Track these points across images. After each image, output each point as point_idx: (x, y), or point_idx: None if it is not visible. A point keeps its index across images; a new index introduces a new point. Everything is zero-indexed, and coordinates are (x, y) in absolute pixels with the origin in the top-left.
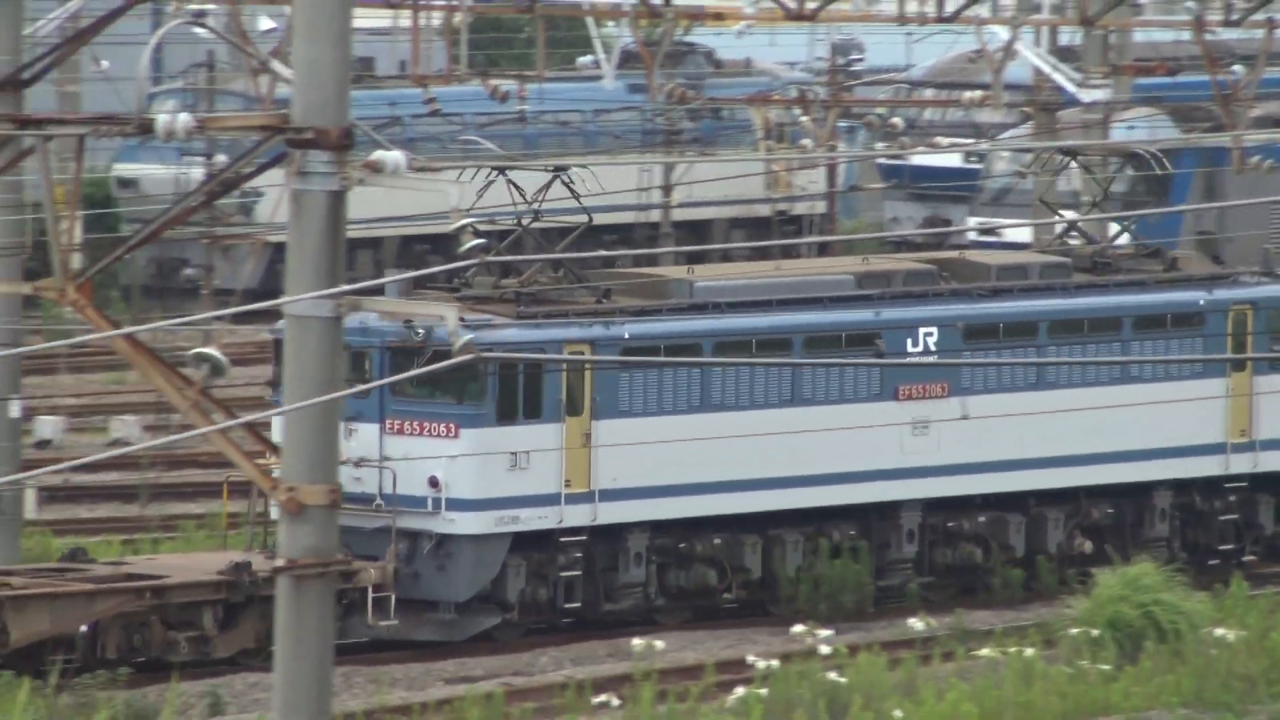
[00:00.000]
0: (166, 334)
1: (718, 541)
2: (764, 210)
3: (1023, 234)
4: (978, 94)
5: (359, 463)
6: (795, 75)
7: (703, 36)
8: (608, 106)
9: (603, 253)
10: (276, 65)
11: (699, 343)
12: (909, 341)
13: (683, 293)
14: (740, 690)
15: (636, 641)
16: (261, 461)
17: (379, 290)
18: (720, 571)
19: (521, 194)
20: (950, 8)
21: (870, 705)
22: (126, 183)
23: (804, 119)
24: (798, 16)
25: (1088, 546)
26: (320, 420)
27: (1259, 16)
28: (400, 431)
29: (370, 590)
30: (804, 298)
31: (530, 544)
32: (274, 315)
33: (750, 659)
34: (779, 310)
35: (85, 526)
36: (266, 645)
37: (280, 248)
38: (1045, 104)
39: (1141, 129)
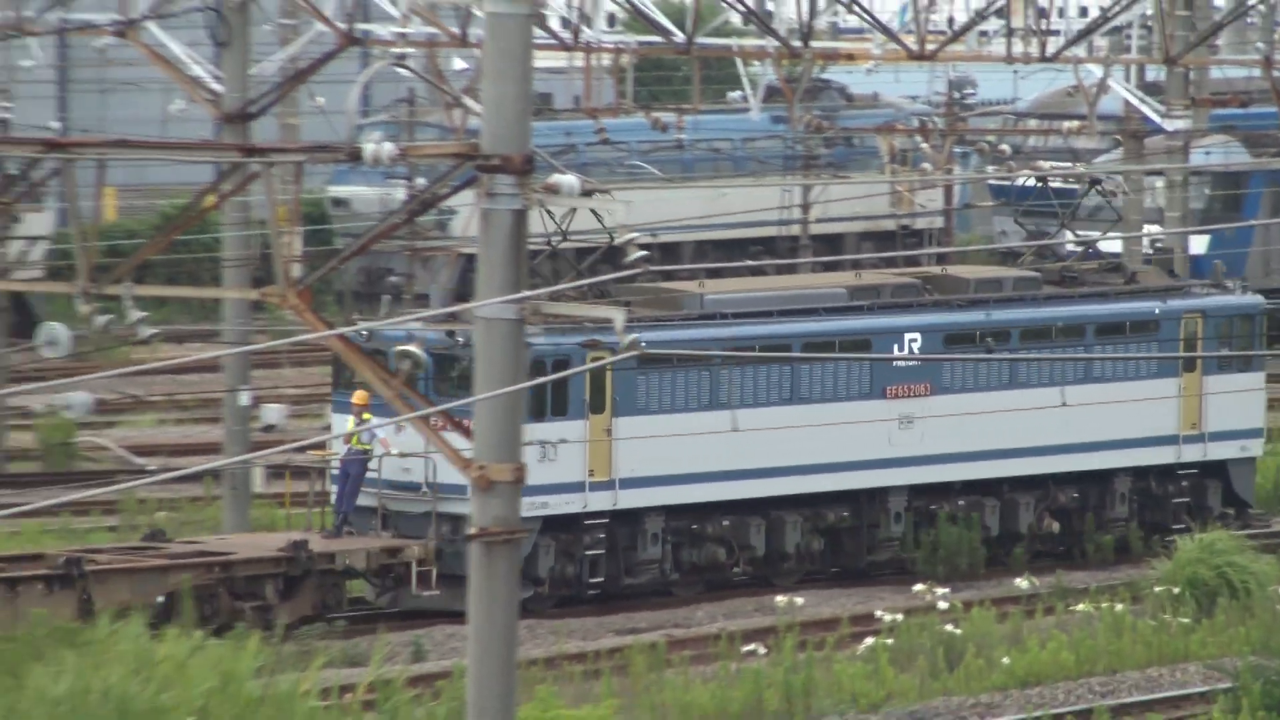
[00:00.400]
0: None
1: (726, 523)
2: (889, 225)
3: (1114, 245)
4: (1075, 124)
5: (404, 454)
6: (916, 108)
7: (836, 74)
8: (754, 135)
9: (749, 263)
10: (468, 101)
11: (707, 348)
12: (895, 346)
13: (694, 305)
14: (869, 640)
15: (780, 598)
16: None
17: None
18: (728, 549)
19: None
20: (1051, 49)
21: (981, 653)
22: (339, 202)
23: (924, 145)
24: (919, 57)
25: (1055, 527)
26: (505, 408)
27: None
28: (443, 428)
29: (415, 565)
30: (801, 308)
31: (558, 526)
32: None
33: (878, 613)
34: (779, 320)
35: (303, 500)
36: (323, 614)
37: (471, 258)
38: (1134, 132)
39: (1217, 154)
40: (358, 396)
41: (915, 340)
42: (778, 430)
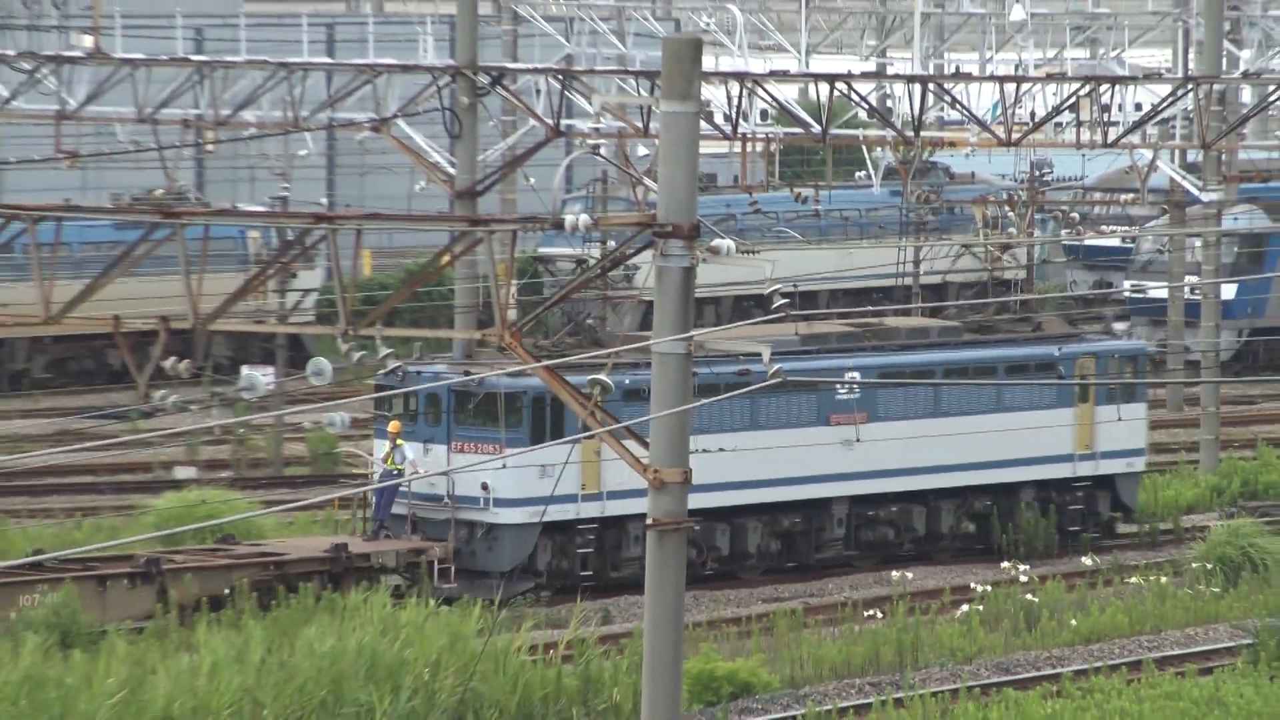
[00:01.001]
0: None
1: (697, 528)
2: (983, 277)
3: (1163, 292)
4: (1130, 196)
5: (429, 473)
6: (1005, 183)
7: (941, 157)
8: (875, 206)
9: (870, 308)
10: (647, 180)
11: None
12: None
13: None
14: (964, 607)
15: (894, 573)
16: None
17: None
18: (699, 549)
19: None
20: (1111, 136)
21: (1053, 616)
22: (546, 261)
23: (1010, 214)
24: (1007, 143)
25: (972, 528)
26: (674, 424)
27: None
28: (462, 450)
29: (436, 563)
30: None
31: (555, 530)
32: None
33: (972, 585)
34: (744, 361)
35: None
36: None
37: (650, 305)
38: (1177, 203)
39: (1243, 220)
40: (392, 426)
41: (855, 377)
42: (741, 451)
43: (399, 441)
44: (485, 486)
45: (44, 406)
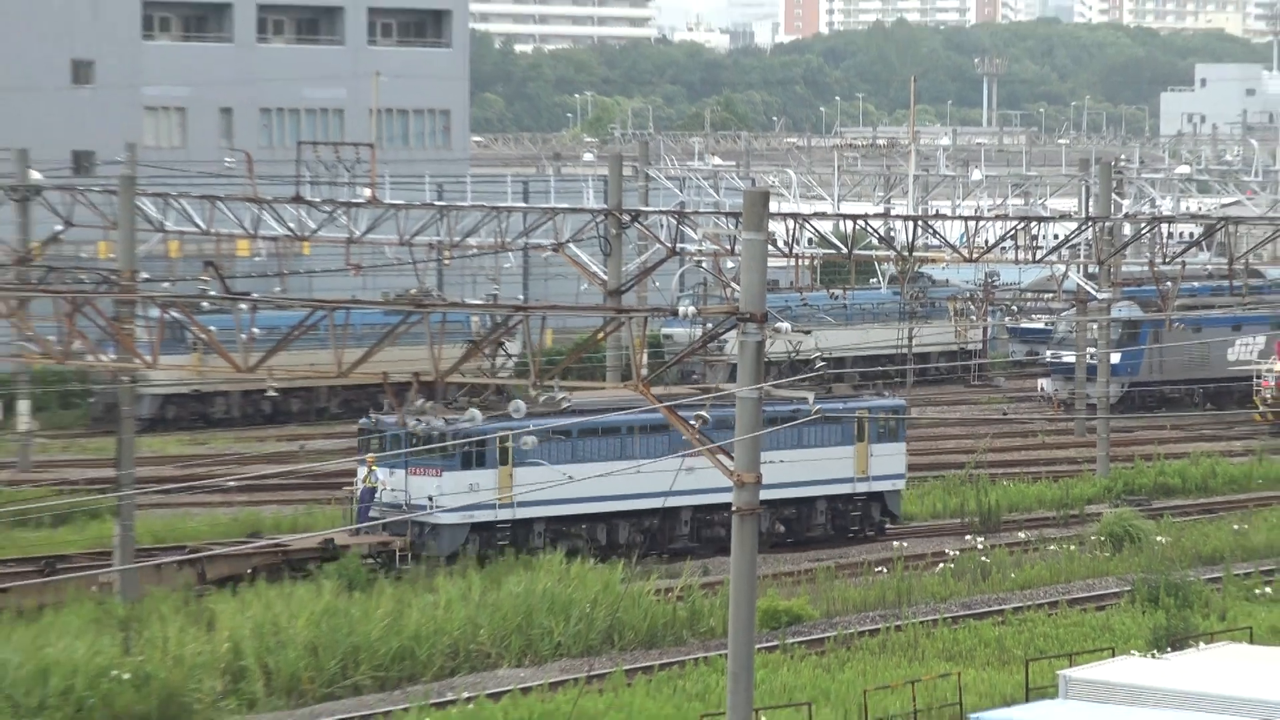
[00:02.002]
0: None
1: (584, 526)
2: (954, 348)
3: (1071, 358)
4: (1051, 295)
5: (392, 489)
6: (968, 287)
7: (926, 269)
8: (883, 301)
9: (878, 368)
10: (733, 284)
11: (571, 428)
12: (706, 412)
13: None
14: (941, 565)
15: (895, 543)
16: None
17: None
18: (584, 541)
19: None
20: (1039, 256)
21: (999, 572)
22: (667, 336)
23: (972, 307)
24: (970, 260)
25: (780, 528)
26: (749, 445)
27: None
28: (415, 473)
29: (398, 551)
30: (621, 407)
31: (481, 528)
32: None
33: (948, 551)
34: (614, 412)
35: None
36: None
37: (734, 366)
38: (1081, 300)
39: (1124, 311)
40: (369, 457)
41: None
42: (613, 473)
43: (373, 467)
44: (430, 499)
45: (338, 431)
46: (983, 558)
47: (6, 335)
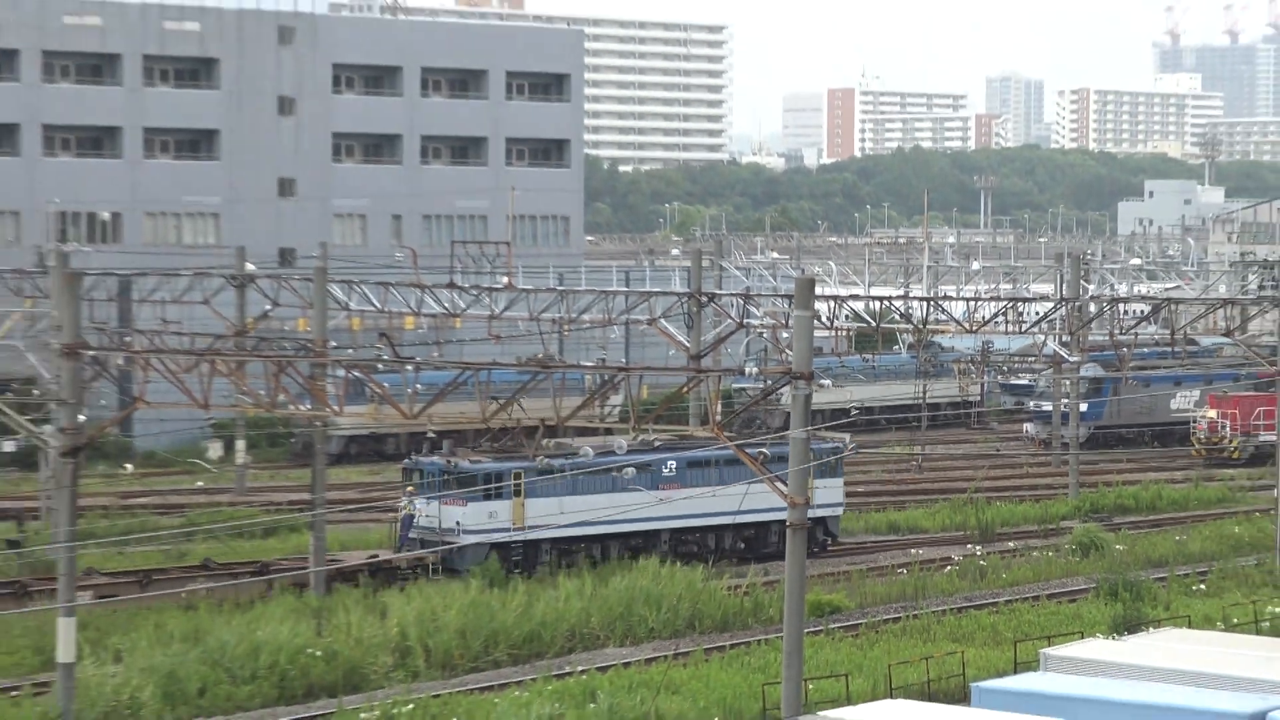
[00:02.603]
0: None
1: (582, 545)
2: (957, 400)
3: (1049, 407)
4: (1034, 359)
5: (427, 516)
6: (970, 352)
7: (937, 339)
8: (903, 364)
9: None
10: (787, 350)
11: (576, 469)
12: (664, 468)
13: (569, 450)
14: (949, 567)
15: (914, 550)
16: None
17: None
18: (583, 558)
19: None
20: (1025, 328)
21: (993, 572)
22: (738, 390)
23: (973, 368)
24: (971, 331)
25: (741, 545)
26: (800, 474)
27: None
28: (447, 504)
29: (430, 565)
30: (618, 450)
31: (500, 547)
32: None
33: (953, 556)
34: (605, 457)
35: None
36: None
37: (789, 414)
38: (1058, 362)
39: (1090, 370)
40: (410, 489)
41: (669, 464)
42: (608, 507)
43: (414, 497)
44: (458, 524)
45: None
46: (981, 562)
47: (228, 391)
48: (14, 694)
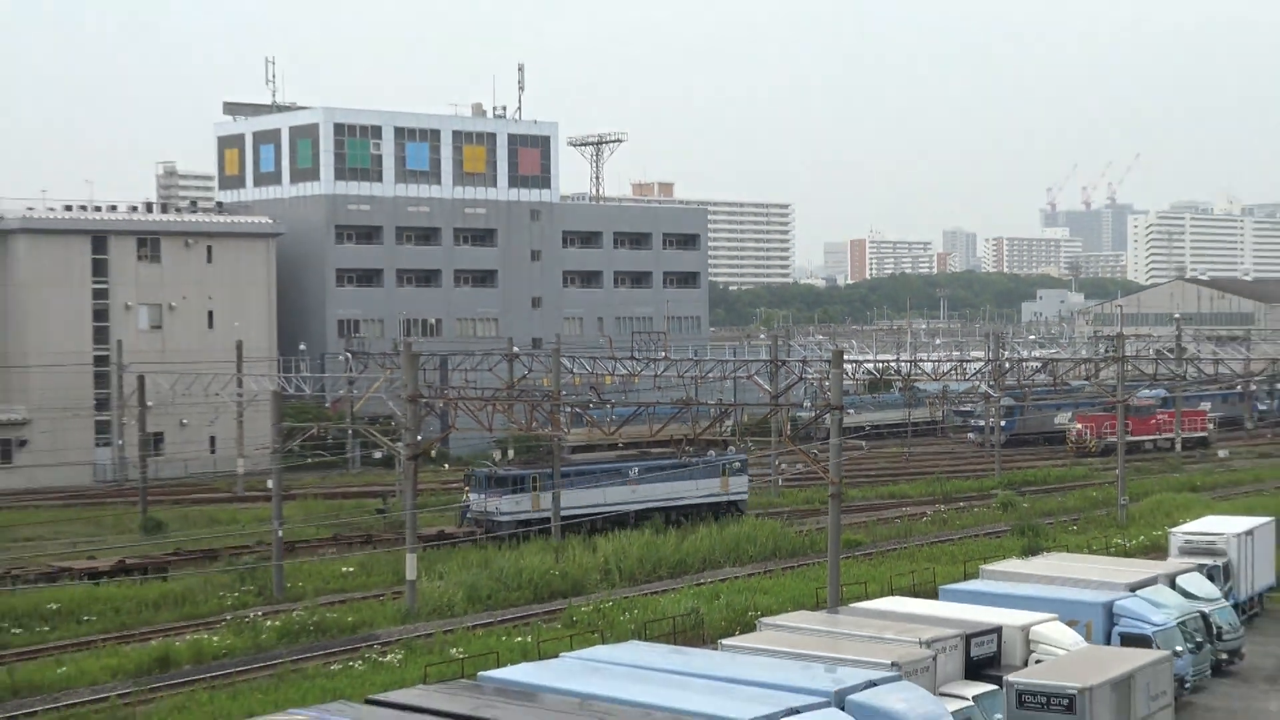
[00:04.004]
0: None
1: (578, 521)
2: (929, 420)
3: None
4: (974, 400)
5: (477, 503)
6: (934, 392)
7: (918, 385)
8: (896, 400)
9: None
10: (827, 393)
11: (583, 468)
12: (634, 470)
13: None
14: (926, 515)
15: (905, 508)
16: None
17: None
18: (577, 532)
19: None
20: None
21: (938, 522)
22: (797, 417)
23: (937, 401)
24: (935, 379)
25: (683, 519)
26: (837, 467)
27: None
28: (490, 496)
29: (479, 535)
30: (603, 455)
31: (523, 523)
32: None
33: (925, 511)
34: (597, 460)
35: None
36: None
37: (828, 430)
38: (987, 397)
39: (1007, 400)
40: (468, 486)
41: (634, 468)
42: (604, 495)
43: (469, 493)
44: (497, 509)
45: None
46: (944, 514)
47: (503, 421)
48: (381, 598)
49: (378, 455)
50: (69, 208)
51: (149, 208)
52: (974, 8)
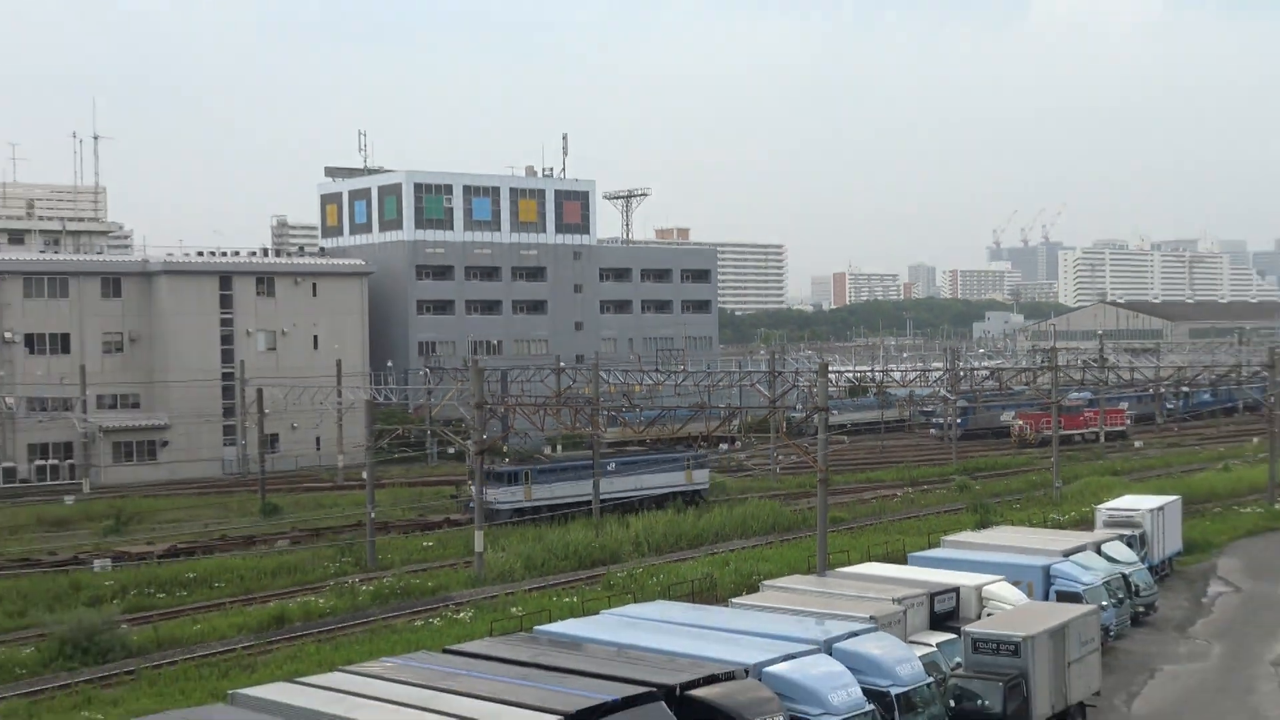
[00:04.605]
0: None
1: (566, 509)
2: (899, 417)
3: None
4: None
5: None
6: (901, 395)
7: (889, 390)
8: (871, 402)
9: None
10: (815, 397)
11: (568, 465)
12: (611, 465)
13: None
14: (898, 495)
15: (882, 492)
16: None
17: None
18: (561, 520)
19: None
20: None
21: (916, 499)
22: (791, 418)
23: (905, 403)
24: (903, 385)
25: (653, 505)
26: (824, 456)
27: None
28: (490, 487)
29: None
30: (584, 453)
31: (515, 512)
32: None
33: (895, 493)
34: (581, 458)
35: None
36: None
37: (816, 428)
38: (945, 399)
39: (962, 403)
40: (467, 480)
41: (610, 464)
42: (585, 485)
43: (470, 484)
44: (495, 498)
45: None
46: (911, 495)
47: (554, 422)
48: (455, 567)
49: (451, 451)
50: (200, 253)
51: (265, 252)
52: (934, 86)
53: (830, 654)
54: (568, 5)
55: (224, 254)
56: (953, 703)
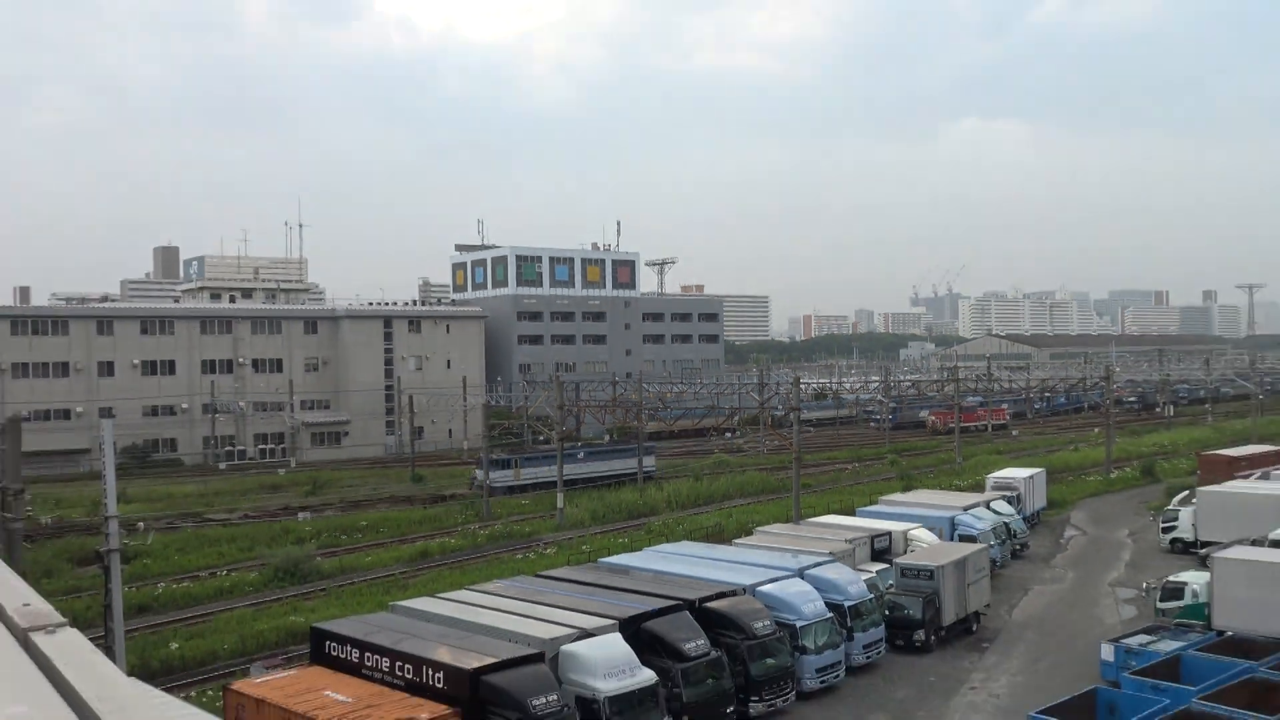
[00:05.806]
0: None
1: (545, 487)
2: (852, 415)
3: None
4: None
5: (482, 474)
6: (855, 400)
7: (844, 396)
8: (835, 406)
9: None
10: (791, 400)
11: (548, 453)
12: (580, 453)
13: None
14: (850, 468)
15: (848, 465)
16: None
17: None
18: (551, 490)
19: None
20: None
21: (864, 472)
22: (775, 419)
23: (856, 407)
24: (851, 393)
25: (611, 484)
26: (799, 444)
27: None
28: (493, 470)
29: (485, 495)
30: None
31: (512, 489)
32: None
33: (849, 465)
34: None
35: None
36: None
37: (793, 421)
38: (882, 402)
39: (893, 406)
40: (474, 465)
41: (579, 452)
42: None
43: (476, 469)
44: (494, 478)
45: (687, 447)
46: (858, 469)
47: (611, 419)
48: (543, 518)
49: (541, 439)
50: (370, 303)
51: (414, 303)
52: (872, 183)
53: (802, 578)
54: (621, 136)
55: (386, 304)
56: (888, 612)
